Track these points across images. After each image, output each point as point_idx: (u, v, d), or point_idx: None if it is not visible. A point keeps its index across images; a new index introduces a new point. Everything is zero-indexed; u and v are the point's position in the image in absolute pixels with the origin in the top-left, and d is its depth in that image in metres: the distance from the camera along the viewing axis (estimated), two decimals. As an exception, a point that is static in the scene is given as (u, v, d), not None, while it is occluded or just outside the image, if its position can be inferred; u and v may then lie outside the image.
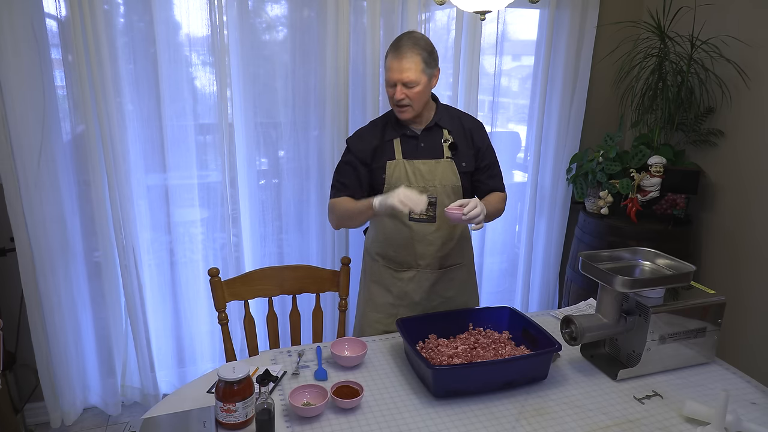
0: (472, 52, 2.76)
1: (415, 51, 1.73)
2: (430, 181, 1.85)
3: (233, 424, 1.32)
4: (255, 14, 2.52)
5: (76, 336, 2.58)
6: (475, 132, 1.93)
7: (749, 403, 1.49)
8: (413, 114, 1.82)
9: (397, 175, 1.84)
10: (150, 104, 2.46)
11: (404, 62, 1.72)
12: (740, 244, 2.67)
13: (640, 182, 2.77)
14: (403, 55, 1.73)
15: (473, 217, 1.63)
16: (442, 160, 1.86)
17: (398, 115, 1.84)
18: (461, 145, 1.89)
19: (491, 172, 1.96)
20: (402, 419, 1.40)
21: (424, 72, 1.75)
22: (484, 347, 1.65)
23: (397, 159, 1.85)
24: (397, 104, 1.80)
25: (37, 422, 2.66)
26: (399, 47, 1.74)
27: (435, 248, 1.92)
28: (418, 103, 1.79)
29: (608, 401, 1.49)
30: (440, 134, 1.88)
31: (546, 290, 3.32)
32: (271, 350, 1.77)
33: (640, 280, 1.61)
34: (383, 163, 1.86)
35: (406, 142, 1.87)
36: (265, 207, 2.75)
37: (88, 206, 2.49)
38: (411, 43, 1.74)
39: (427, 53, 1.75)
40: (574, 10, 2.88)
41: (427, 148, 1.87)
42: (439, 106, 1.91)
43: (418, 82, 1.74)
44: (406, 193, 1.61)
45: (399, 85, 1.75)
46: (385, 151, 1.87)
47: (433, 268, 1.95)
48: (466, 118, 1.96)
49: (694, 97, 2.73)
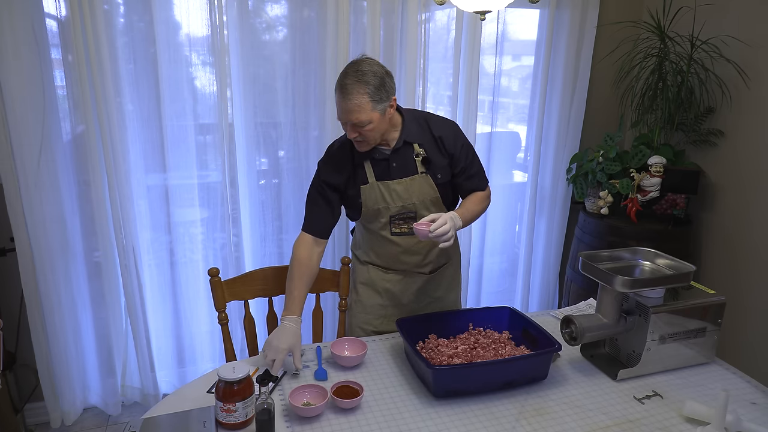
0: (472, 52, 2.76)
1: (361, 91, 1.59)
2: (407, 199, 1.79)
3: (233, 424, 1.32)
4: (255, 14, 2.52)
5: (76, 336, 2.58)
6: (445, 138, 1.81)
7: (749, 403, 1.49)
8: (371, 146, 1.73)
9: (374, 198, 1.79)
10: (150, 104, 2.46)
11: (350, 104, 1.60)
12: (740, 244, 2.67)
13: (640, 182, 2.77)
14: (347, 95, 1.60)
15: (440, 234, 1.59)
16: (417, 176, 1.79)
17: (357, 148, 1.74)
18: (433, 156, 1.80)
19: (468, 173, 1.86)
20: (402, 419, 1.40)
21: (375, 109, 1.62)
22: (484, 347, 1.65)
23: (370, 182, 1.78)
24: (353, 140, 1.71)
25: (37, 422, 2.66)
26: (344, 86, 1.60)
27: (421, 257, 1.91)
28: (373, 138, 1.69)
29: (608, 401, 1.49)
30: (411, 150, 1.78)
31: (546, 290, 3.32)
32: (271, 350, 1.76)
33: (640, 280, 1.61)
34: (357, 189, 1.80)
35: (377, 164, 1.78)
36: (265, 207, 2.75)
37: (88, 206, 2.49)
38: (354, 79, 1.59)
39: (374, 88, 1.60)
40: (574, 10, 2.88)
41: (400, 167, 1.78)
42: (405, 121, 1.79)
43: (369, 120, 1.62)
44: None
45: (349, 124, 1.65)
46: (357, 175, 1.80)
47: (421, 272, 1.95)
48: (435, 124, 1.83)
49: (694, 97, 2.73)
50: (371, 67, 1.63)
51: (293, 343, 1.61)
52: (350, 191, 1.81)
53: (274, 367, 1.56)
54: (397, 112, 1.80)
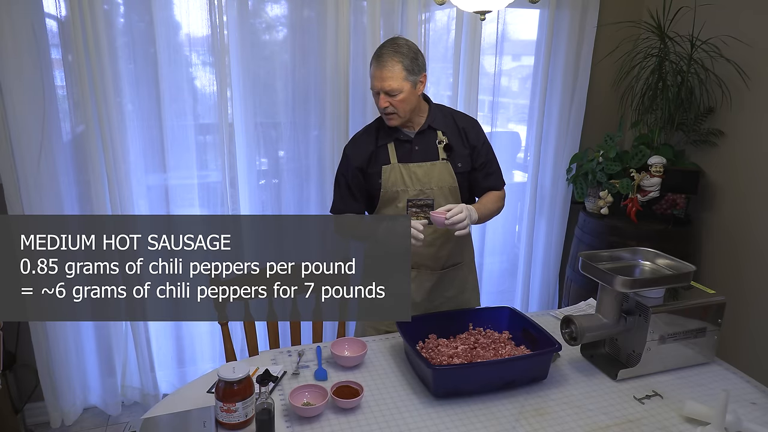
0: (472, 52, 2.76)
1: (396, 59, 1.73)
2: (427, 183, 1.85)
3: (233, 424, 1.32)
4: (255, 14, 2.52)
5: (76, 336, 2.58)
6: (469, 130, 1.91)
7: (749, 403, 1.49)
8: (400, 121, 1.82)
9: (393, 179, 1.85)
10: (150, 104, 2.46)
11: (385, 71, 1.73)
12: (740, 244, 2.66)
13: (640, 182, 2.77)
14: (383, 63, 1.74)
15: (456, 222, 1.65)
16: (438, 162, 1.86)
17: (386, 122, 1.84)
18: (456, 145, 1.88)
19: (488, 170, 1.94)
20: (402, 419, 1.40)
21: (407, 79, 1.75)
22: (484, 347, 1.65)
23: (392, 163, 1.86)
24: (383, 112, 1.80)
25: (37, 422, 2.65)
26: (380, 56, 1.75)
27: (435, 249, 1.92)
28: (403, 110, 1.79)
29: (608, 401, 1.49)
30: (434, 136, 1.88)
31: (546, 290, 3.32)
32: (271, 350, 1.77)
33: (640, 280, 1.61)
34: (379, 168, 1.86)
35: (401, 146, 1.87)
36: (265, 207, 2.75)
37: (88, 206, 2.49)
38: (392, 51, 1.74)
39: (409, 60, 1.75)
40: (574, 10, 2.88)
41: (422, 151, 1.87)
42: (431, 108, 1.90)
43: (400, 89, 1.74)
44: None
45: (382, 94, 1.76)
46: (380, 155, 1.87)
47: (433, 269, 1.95)
48: (460, 117, 1.95)
49: (694, 97, 2.73)
50: (406, 42, 1.79)
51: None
52: (371, 170, 1.87)
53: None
54: (425, 101, 1.90)
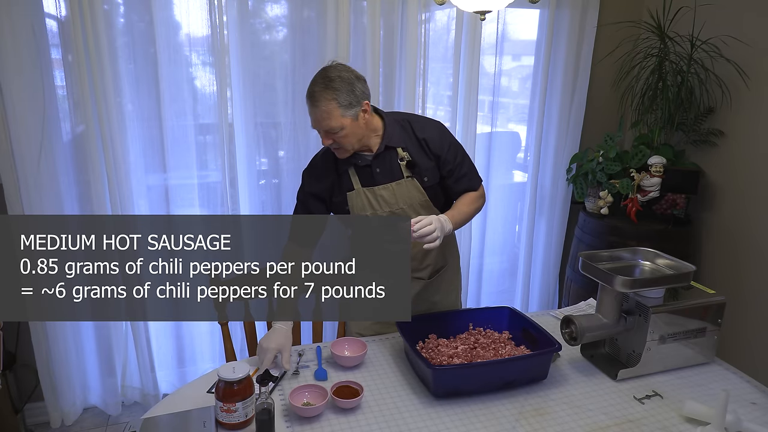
0: (472, 52, 2.76)
1: (328, 97, 1.60)
2: (395, 204, 1.77)
3: (233, 424, 1.32)
4: (255, 14, 2.52)
5: (76, 336, 2.58)
6: (430, 140, 1.78)
7: (749, 403, 1.49)
8: (350, 152, 1.71)
9: (360, 205, 1.78)
10: (150, 104, 2.46)
11: (318, 112, 1.62)
12: (740, 244, 2.66)
13: (640, 182, 2.77)
14: (316, 104, 1.62)
15: (423, 235, 1.57)
16: (403, 181, 1.76)
17: (336, 155, 1.73)
18: (419, 159, 1.77)
19: (458, 175, 1.82)
20: (402, 419, 1.40)
21: (345, 115, 1.62)
22: (484, 347, 1.65)
23: (356, 189, 1.77)
24: (330, 147, 1.71)
25: (37, 422, 2.65)
26: (312, 94, 1.63)
27: (417, 262, 1.89)
28: (350, 144, 1.68)
29: (608, 401, 1.49)
30: (395, 154, 1.76)
31: (546, 290, 3.32)
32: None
33: (640, 280, 1.61)
34: (344, 196, 1.78)
35: (361, 170, 1.77)
36: (265, 207, 2.75)
37: (88, 206, 2.49)
38: (322, 87, 1.61)
39: (344, 94, 1.61)
40: (574, 10, 2.88)
41: (384, 173, 1.76)
42: (386, 125, 1.76)
43: (340, 126, 1.62)
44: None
45: (322, 131, 1.66)
46: (342, 183, 1.78)
47: (420, 278, 1.93)
48: (419, 126, 1.80)
49: (694, 97, 2.73)
50: (339, 73, 1.63)
51: (282, 344, 1.62)
52: (336, 198, 1.80)
53: (262, 366, 1.57)
54: (378, 116, 1.77)
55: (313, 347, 1.75)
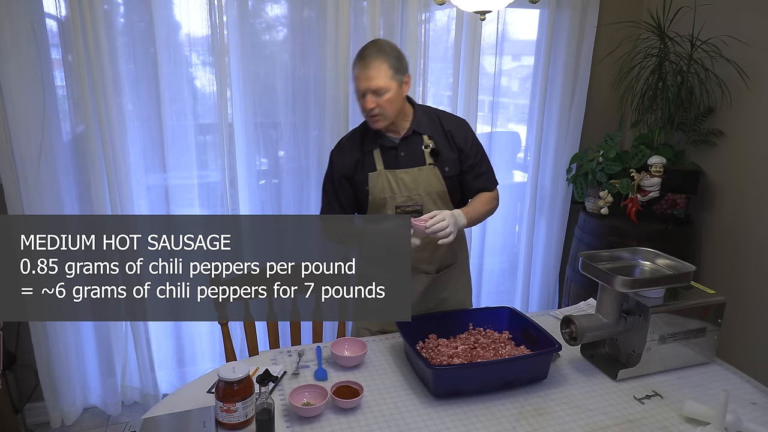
0: (472, 52, 2.76)
1: (381, 57, 1.69)
2: (414, 190, 1.82)
3: (233, 424, 1.32)
4: (255, 14, 2.52)
5: (76, 336, 2.58)
6: (455, 133, 1.86)
7: (749, 403, 1.49)
8: (387, 123, 1.77)
9: (380, 186, 1.82)
10: (150, 104, 2.46)
11: (370, 70, 1.68)
12: (740, 244, 2.66)
13: (640, 182, 2.77)
14: (368, 63, 1.69)
15: (437, 231, 1.61)
16: (425, 168, 1.82)
17: (372, 125, 1.79)
18: (443, 149, 1.84)
19: (477, 172, 1.89)
20: (402, 419, 1.40)
21: (393, 78, 1.70)
22: (484, 347, 1.65)
23: (378, 170, 1.82)
24: (369, 114, 1.75)
25: (37, 422, 2.65)
26: (364, 56, 1.71)
27: (427, 254, 1.90)
28: (390, 111, 1.74)
29: (608, 401, 1.49)
30: (420, 141, 1.83)
31: (546, 290, 3.32)
32: (271, 350, 1.77)
33: (640, 280, 1.61)
34: (365, 176, 1.83)
35: (386, 152, 1.83)
36: (265, 207, 2.75)
37: (88, 206, 2.49)
38: (376, 50, 1.70)
39: (394, 58, 1.71)
40: (574, 10, 2.88)
41: (408, 157, 1.83)
42: (416, 112, 1.85)
43: (387, 88, 1.70)
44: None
45: (368, 94, 1.70)
46: (366, 162, 1.84)
47: (427, 272, 1.94)
48: (447, 119, 1.89)
49: (694, 97, 2.73)
50: (388, 43, 1.76)
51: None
52: (358, 176, 1.85)
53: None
54: (409, 104, 1.85)
55: (313, 347, 1.75)
